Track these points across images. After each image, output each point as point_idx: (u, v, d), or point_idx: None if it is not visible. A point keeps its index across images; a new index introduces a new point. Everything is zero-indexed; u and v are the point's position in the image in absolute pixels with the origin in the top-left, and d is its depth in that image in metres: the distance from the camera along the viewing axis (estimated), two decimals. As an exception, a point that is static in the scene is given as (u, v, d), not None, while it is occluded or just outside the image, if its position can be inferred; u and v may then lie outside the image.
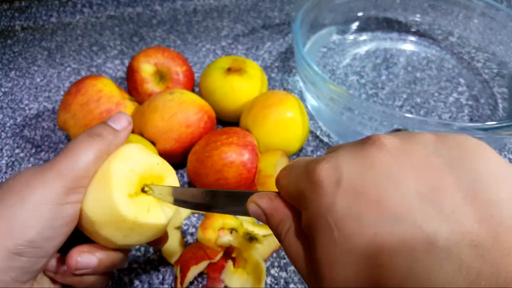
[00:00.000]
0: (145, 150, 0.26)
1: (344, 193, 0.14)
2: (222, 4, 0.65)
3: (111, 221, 0.23)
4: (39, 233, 0.21)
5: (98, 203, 0.23)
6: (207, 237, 0.35)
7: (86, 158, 0.22)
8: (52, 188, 0.21)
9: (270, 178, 0.34)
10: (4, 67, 0.54)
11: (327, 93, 0.38)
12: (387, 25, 0.58)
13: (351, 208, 0.14)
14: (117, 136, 0.24)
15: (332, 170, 0.15)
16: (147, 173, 0.25)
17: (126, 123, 0.25)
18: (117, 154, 0.24)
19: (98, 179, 0.23)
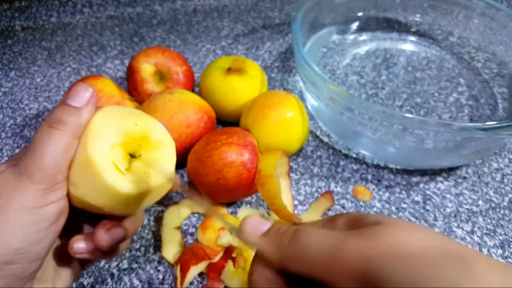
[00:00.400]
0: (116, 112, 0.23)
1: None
2: (222, 4, 0.65)
3: (118, 201, 0.22)
4: (25, 240, 0.20)
5: (96, 191, 0.22)
6: (207, 237, 0.35)
7: (54, 154, 0.21)
8: (27, 193, 0.20)
9: (270, 178, 0.34)
10: (4, 67, 0.54)
11: (327, 93, 0.38)
12: (387, 25, 0.58)
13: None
14: (81, 115, 0.22)
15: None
16: (130, 138, 0.23)
17: (87, 96, 0.22)
18: (90, 131, 0.22)
19: (81, 166, 0.22)
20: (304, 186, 0.41)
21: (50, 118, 0.22)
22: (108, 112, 0.23)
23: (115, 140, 0.22)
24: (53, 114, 0.22)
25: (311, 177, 0.41)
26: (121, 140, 0.23)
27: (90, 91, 0.23)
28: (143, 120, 0.24)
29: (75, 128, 0.21)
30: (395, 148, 0.40)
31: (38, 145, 0.21)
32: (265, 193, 0.34)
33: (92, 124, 0.22)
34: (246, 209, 0.38)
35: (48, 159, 0.20)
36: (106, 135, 0.22)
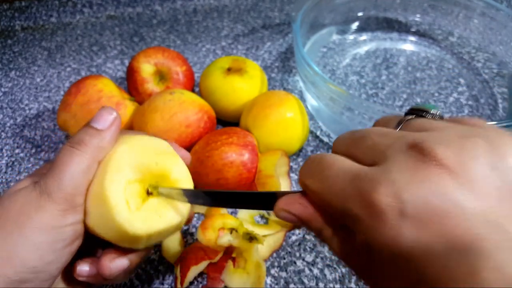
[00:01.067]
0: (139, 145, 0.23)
1: (409, 225, 0.14)
2: (222, 4, 0.65)
3: (125, 239, 0.22)
4: (40, 259, 0.20)
5: (105, 224, 0.22)
6: (207, 237, 0.35)
7: (73, 174, 0.21)
8: (47, 213, 0.20)
9: (270, 178, 0.34)
10: (4, 67, 0.54)
11: (327, 93, 0.38)
12: (387, 25, 0.58)
13: (418, 240, 0.14)
14: (103, 138, 0.22)
15: (392, 198, 0.14)
16: (148, 175, 0.23)
17: (110, 119, 0.23)
18: (109, 164, 0.22)
19: (95, 197, 0.22)
20: (304, 186, 0.41)
21: (72, 138, 0.22)
22: (132, 145, 0.23)
23: (132, 176, 0.22)
24: (76, 135, 0.22)
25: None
26: (139, 176, 0.23)
27: (114, 114, 0.23)
28: (166, 158, 0.24)
29: (96, 150, 0.22)
30: (395, 148, 0.40)
31: (59, 164, 0.21)
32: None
33: (113, 156, 0.22)
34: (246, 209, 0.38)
35: (67, 179, 0.21)
36: (124, 171, 0.22)
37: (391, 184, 0.14)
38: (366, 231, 0.15)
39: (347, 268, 0.35)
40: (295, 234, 0.37)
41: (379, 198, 0.14)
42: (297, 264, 0.35)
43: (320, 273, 0.34)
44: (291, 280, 0.34)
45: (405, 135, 0.16)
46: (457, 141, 0.15)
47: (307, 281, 0.34)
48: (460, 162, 0.14)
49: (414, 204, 0.14)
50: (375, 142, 0.17)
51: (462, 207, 0.13)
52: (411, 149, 0.15)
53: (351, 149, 0.18)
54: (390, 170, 0.15)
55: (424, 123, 0.17)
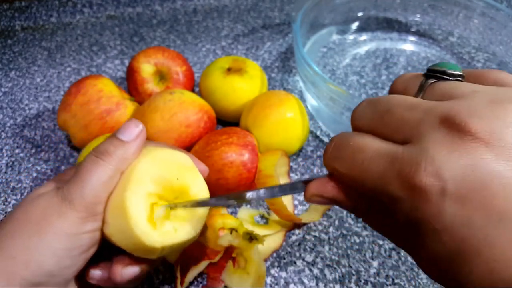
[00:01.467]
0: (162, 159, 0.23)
1: (450, 201, 0.14)
2: (222, 4, 0.65)
3: (140, 250, 0.23)
4: (57, 263, 0.21)
5: (122, 235, 0.22)
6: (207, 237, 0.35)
7: (95, 183, 0.21)
8: (67, 219, 0.21)
9: (270, 178, 0.34)
10: (4, 67, 0.54)
11: (327, 93, 0.38)
12: (387, 25, 0.58)
13: (459, 214, 0.14)
14: (127, 149, 0.23)
15: (434, 178, 0.14)
16: (168, 189, 0.23)
17: (136, 131, 0.23)
18: (131, 174, 0.22)
19: (115, 207, 0.22)
20: (304, 186, 0.41)
21: (97, 148, 0.22)
22: (154, 158, 0.23)
23: (153, 189, 0.23)
24: (101, 145, 0.23)
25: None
26: (160, 190, 0.23)
27: (140, 127, 0.23)
28: (186, 173, 0.24)
29: (120, 161, 0.22)
30: (395, 148, 0.40)
31: (82, 172, 0.22)
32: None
33: (136, 168, 0.22)
34: (246, 209, 0.38)
35: (90, 187, 0.21)
36: (146, 184, 0.22)
37: (431, 164, 0.14)
38: (409, 210, 0.15)
39: (347, 268, 0.35)
40: (295, 234, 0.37)
41: (421, 179, 0.15)
42: (297, 264, 0.35)
43: (320, 273, 0.34)
44: (291, 280, 0.34)
45: (434, 108, 0.16)
46: (488, 109, 0.15)
47: (307, 281, 0.34)
48: (495, 133, 0.14)
49: (454, 181, 0.14)
50: (403, 117, 0.16)
51: (499, 178, 0.14)
52: (443, 124, 0.15)
53: (378, 126, 0.18)
54: (427, 149, 0.15)
55: (448, 88, 0.17)
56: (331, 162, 0.18)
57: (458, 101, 0.15)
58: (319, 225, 0.38)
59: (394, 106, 0.17)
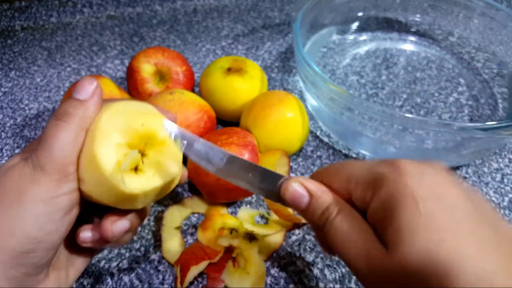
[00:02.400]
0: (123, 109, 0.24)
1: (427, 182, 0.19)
2: (222, 4, 0.65)
3: (122, 200, 0.23)
4: (41, 229, 0.21)
5: (101, 188, 0.22)
6: (207, 237, 0.35)
7: (62, 145, 0.21)
8: (42, 185, 0.21)
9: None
10: (4, 67, 0.54)
11: (327, 93, 0.38)
12: (387, 25, 0.58)
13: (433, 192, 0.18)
14: (87, 107, 0.23)
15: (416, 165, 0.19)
16: (135, 136, 0.23)
17: (91, 88, 0.23)
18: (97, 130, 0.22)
19: (88, 162, 0.22)
20: (304, 186, 0.41)
21: (57, 111, 0.23)
22: (116, 110, 0.23)
23: (120, 139, 0.23)
24: (60, 108, 0.23)
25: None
26: (127, 139, 0.23)
27: (95, 84, 0.23)
28: (151, 119, 0.24)
29: (81, 120, 0.22)
30: (395, 148, 0.40)
31: (47, 137, 0.22)
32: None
33: (99, 122, 0.23)
34: (246, 209, 0.38)
35: (57, 150, 0.21)
36: (112, 135, 0.22)
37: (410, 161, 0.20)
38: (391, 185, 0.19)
39: (347, 268, 0.35)
40: (295, 234, 0.37)
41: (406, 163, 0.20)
42: (297, 264, 0.35)
43: (320, 273, 0.34)
44: (291, 280, 0.34)
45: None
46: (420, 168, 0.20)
47: (307, 281, 0.34)
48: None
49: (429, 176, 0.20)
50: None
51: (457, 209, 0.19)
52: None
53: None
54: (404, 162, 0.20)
55: None
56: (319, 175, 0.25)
57: None
58: (319, 225, 0.38)
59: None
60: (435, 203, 0.18)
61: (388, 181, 0.19)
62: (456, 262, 0.16)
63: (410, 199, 0.18)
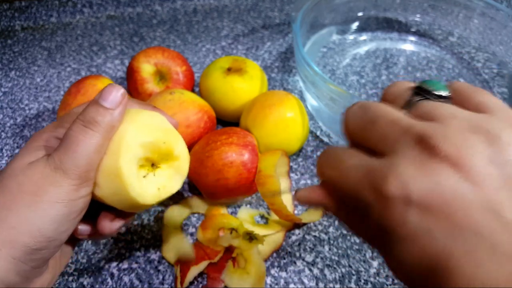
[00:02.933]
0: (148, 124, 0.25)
1: (414, 211, 0.16)
2: (222, 4, 0.65)
3: (132, 208, 0.25)
4: (56, 229, 0.22)
5: (117, 197, 0.24)
6: (207, 237, 0.35)
7: (87, 153, 0.22)
8: (62, 187, 0.22)
9: (270, 178, 0.34)
10: (4, 67, 0.54)
11: (327, 93, 0.38)
12: (387, 25, 0.58)
13: (421, 224, 0.15)
14: (113, 116, 0.23)
15: (401, 187, 0.16)
16: (155, 152, 0.25)
17: (119, 97, 0.23)
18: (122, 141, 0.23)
19: (108, 172, 0.23)
20: (304, 186, 0.41)
21: (84, 117, 0.23)
22: (141, 124, 0.25)
23: (142, 154, 0.24)
24: (87, 113, 0.23)
25: (311, 177, 0.41)
26: (148, 154, 0.24)
27: (121, 91, 0.24)
28: (170, 136, 0.26)
29: (107, 129, 0.23)
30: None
31: (73, 142, 0.22)
32: (265, 193, 0.34)
33: (125, 134, 0.24)
34: (246, 209, 0.38)
35: (82, 157, 0.22)
36: (136, 150, 0.24)
37: (399, 177, 0.16)
38: (378, 216, 0.17)
39: (347, 268, 0.35)
40: (295, 234, 0.37)
41: (388, 188, 0.16)
42: (297, 264, 0.35)
43: (320, 273, 0.34)
44: (291, 280, 0.34)
45: (412, 127, 0.17)
46: (461, 136, 0.16)
47: (307, 281, 0.34)
48: (462, 158, 0.15)
49: (419, 193, 0.16)
50: (384, 131, 0.18)
51: (462, 197, 0.15)
52: (418, 144, 0.16)
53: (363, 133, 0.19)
54: (398, 163, 0.16)
55: (431, 109, 0.18)
56: (321, 169, 0.21)
57: (435, 124, 0.17)
58: (319, 225, 0.38)
59: (379, 118, 0.19)
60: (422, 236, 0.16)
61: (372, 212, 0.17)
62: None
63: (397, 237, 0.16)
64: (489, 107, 0.18)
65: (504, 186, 0.15)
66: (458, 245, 0.15)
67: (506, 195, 0.15)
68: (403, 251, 0.16)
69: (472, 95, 0.18)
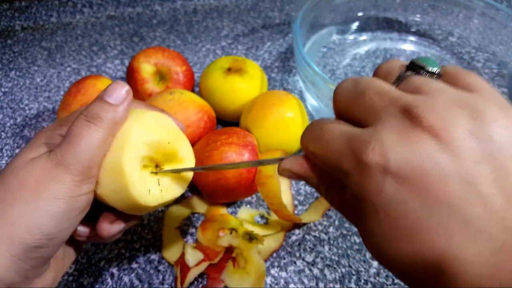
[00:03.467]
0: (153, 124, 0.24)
1: (391, 180, 0.15)
2: (222, 4, 0.65)
3: (133, 209, 0.24)
4: (56, 226, 0.21)
5: (117, 196, 0.23)
6: (207, 237, 0.35)
7: (90, 148, 0.22)
8: (64, 183, 0.21)
9: (270, 178, 0.34)
10: (4, 67, 0.54)
11: (327, 93, 0.38)
12: (387, 25, 0.58)
13: (397, 194, 0.15)
14: (117, 112, 0.23)
15: (379, 156, 0.16)
16: (159, 152, 0.24)
17: (124, 94, 0.23)
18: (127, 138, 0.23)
19: (110, 170, 0.23)
20: (304, 186, 0.41)
21: (88, 112, 0.23)
22: (146, 123, 0.24)
23: (146, 153, 0.24)
24: (91, 109, 0.23)
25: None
26: (152, 153, 0.24)
27: (127, 88, 0.24)
28: (175, 137, 0.26)
29: (111, 125, 0.23)
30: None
31: (74, 137, 0.22)
32: (265, 193, 0.34)
33: (130, 133, 0.23)
34: (246, 209, 0.38)
35: (85, 152, 0.22)
36: (140, 149, 0.23)
37: (379, 144, 0.16)
38: (355, 185, 0.17)
39: (347, 268, 0.35)
40: (295, 234, 0.37)
41: (367, 156, 0.16)
42: (297, 264, 0.35)
43: (320, 273, 0.34)
44: (291, 280, 0.34)
45: (399, 98, 0.17)
46: (446, 109, 0.16)
47: (307, 281, 0.34)
48: (444, 129, 0.15)
49: (397, 162, 0.15)
50: (372, 102, 0.18)
51: (439, 168, 0.15)
52: (402, 113, 0.16)
53: (352, 105, 0.19)
54: (379, 131, 0.16)
55: (420, 83, 0.18)
56: (304, 142, 0.20)
57: (422, 96, 0.17)
58: (319, 225, 0.38)
59: (368, 89, 0.18)
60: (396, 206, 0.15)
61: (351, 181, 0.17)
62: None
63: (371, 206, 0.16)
64: (477, 87, 0.18)
65: (482, 160, 0.15)
66: (431, 218, 0.15)
67: (483, 169, 0.15)
68: (375, 221, 0.16)
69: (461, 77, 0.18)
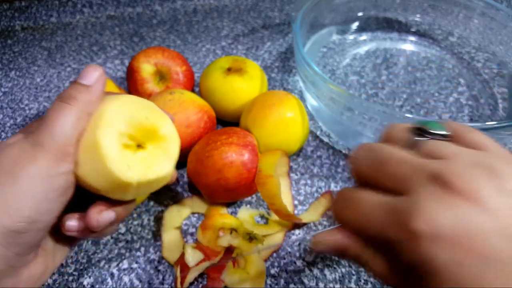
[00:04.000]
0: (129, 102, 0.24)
1: (442, 245, 0.17)
2: (222, 4, 0.65)
3: (116, 187, 0.23)
4: (35, 208, 0.21)
5: (97, 173, 0.22)
6: (207, 237, 0.35)
7: (64, 127, 0.22)
8: (40, 162, 0.21)
9: (270, 178, 0.34)
10: (4, 67, 0.54)
11: (327, 93, 0.38)
12: (387, 25, 0.58)
13: (450, 257, 0.17)
14: (91, 92, 0.23)
15: (425, 224, 0.17)
16: (139, 129, 0.24)
17: (97, 75, 0.24)
18: (101, 116, 0.23)
19: (88, 147, 0.22)
20: (304, 186, 0.41)
21: (63, 94, 0.23)
22: (122, 101, 0.24)
23: (124, 129, 0.23)
24: (64, 92, 0.23)
25: (311, 177, 0.41)
26: (130, 130, 0.23)
27: (99, 70, 0.24)
28: (154, 114, 0.25)
29: (85, 104, 0.23)
30: (395, 148, 0.40)
31: (50, 117, 0.22)
32: (265, 193, 0.34)
33: (104, 109, 0.23)
34: (246, 209, 0.38)
35: (59, 130, 0.22)
36: (116, 123, 0.23)
37: (423, 212, 0.17)
38: (407, 253, 0.18)
39: (347, 268, 0.35)
40: (295, 234, 0.37)
41: (415, 224, 0.17)
42: (297, 264, 0.35)
43: (320, 273, 0.34)
44: (291, 280, 0.34)
45: (423, 165, 0.18)
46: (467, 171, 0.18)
47: (307, 281, 0.34)
48: (475, 191, 0.17)
49: (444, 228, 0.17)
50: (398, 171, 0.19)
51: (482, 228, 0.16)
52: (430, 180, 0.18)
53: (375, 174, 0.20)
54: (417, 200, 0.18)
55: (435, 149, 0.19)
56: (339, 214, 0.21)
57: (443, 161, 0.18)
58: (319, 225, 0.38)
59: (388, 158, 0.20)
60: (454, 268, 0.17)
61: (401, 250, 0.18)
62: None
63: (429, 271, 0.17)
64: (485, 145, 0.19)
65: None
66: (486, 274, 0.16)
67: None
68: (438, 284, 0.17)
69: (468, 135, 0.20)
